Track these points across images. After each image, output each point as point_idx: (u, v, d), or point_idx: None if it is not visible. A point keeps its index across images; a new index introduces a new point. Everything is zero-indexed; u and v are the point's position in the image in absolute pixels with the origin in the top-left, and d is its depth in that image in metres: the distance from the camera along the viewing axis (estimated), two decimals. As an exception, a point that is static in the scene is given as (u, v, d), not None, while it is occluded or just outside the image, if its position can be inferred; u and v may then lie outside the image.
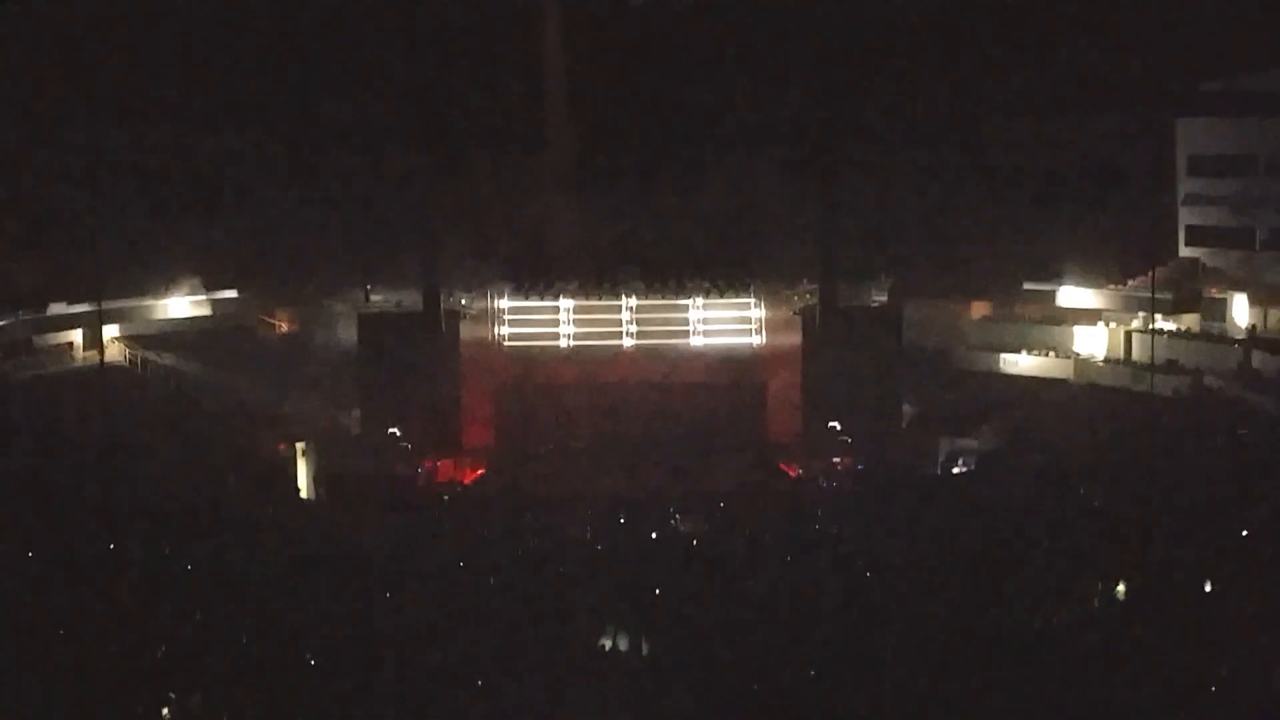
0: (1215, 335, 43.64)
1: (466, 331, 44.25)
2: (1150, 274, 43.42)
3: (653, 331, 45.29)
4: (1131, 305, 44.83)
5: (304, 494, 41.61)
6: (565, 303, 45.04)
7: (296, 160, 42.24)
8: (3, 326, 41.47)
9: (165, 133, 38.61)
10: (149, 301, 44.51)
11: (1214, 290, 44.27)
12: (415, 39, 33.67)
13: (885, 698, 23.67)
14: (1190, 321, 44.25)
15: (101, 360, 42.07)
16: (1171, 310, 44.03)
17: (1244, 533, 31.56)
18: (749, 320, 45.05)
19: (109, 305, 42.39)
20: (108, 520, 32.65)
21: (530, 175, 41.25)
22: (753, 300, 44.88)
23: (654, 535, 35.02)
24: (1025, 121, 40.94)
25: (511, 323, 45.24)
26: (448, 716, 23.12)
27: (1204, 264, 44.97)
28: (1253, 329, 42.89)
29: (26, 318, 42.23)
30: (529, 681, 24.07)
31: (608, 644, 26.42)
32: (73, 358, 43.43)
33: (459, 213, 42.09)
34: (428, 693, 23.65)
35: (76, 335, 43.48)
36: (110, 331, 43.45)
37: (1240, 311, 43.56)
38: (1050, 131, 41.14)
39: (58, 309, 42.85)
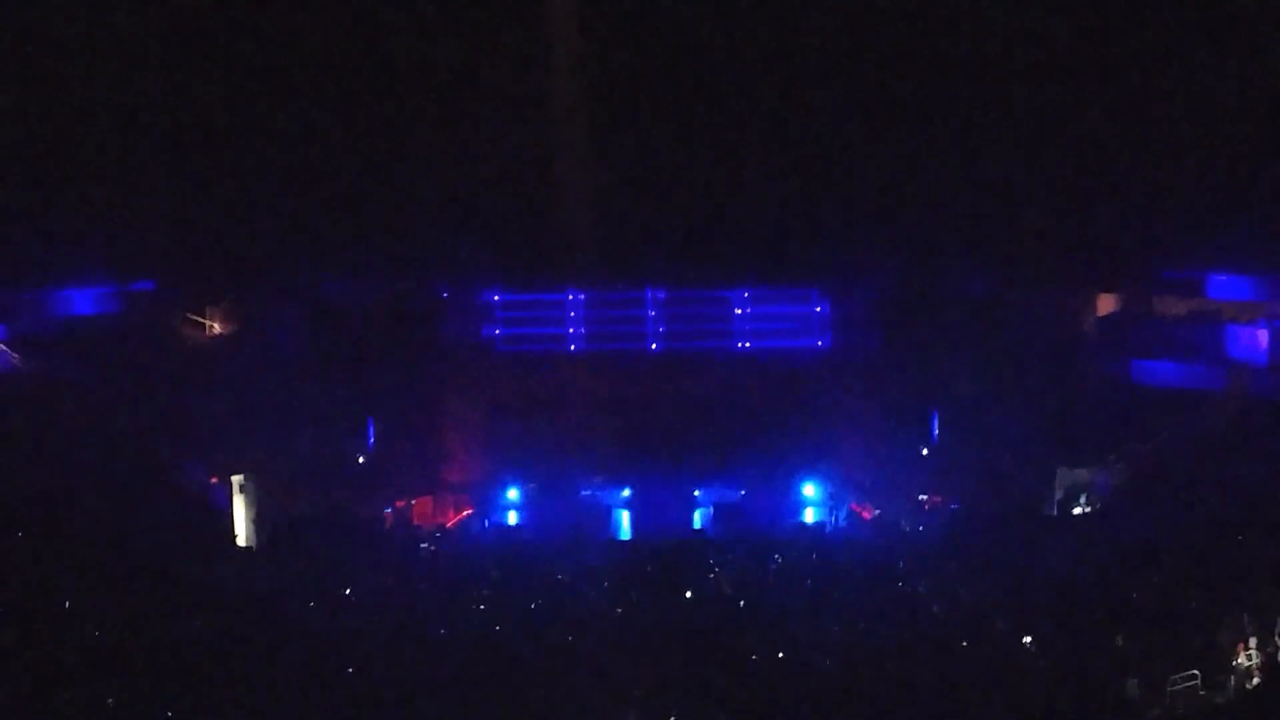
0: None
1: (449, 332, 45.06)
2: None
3: (685, 332, 45.82)
4: None
5: (241, 540, 41.87)
6: (575, 295, 45.53)
7: (233, 116, 41.95)
8: None
9: (56, 78, 38.39)
10: (39, 294, 44.36)
11: None
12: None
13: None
14: None
15: None
16: None
17: None
18: (809, 318, 45.51)
19: None
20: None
21: (530, 132, 40.83)
22: (815, 292, 45.29)
23: (688, 594, 35.62)
24: (1170, 59, 40.22)
25: (507, 321, 45.85)
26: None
27: None
28: None
29: None
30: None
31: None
32: None
33: (438, 181, 42.19)
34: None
35: None
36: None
37: None
38: (1200, 73, 40.31)
39: None
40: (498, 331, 45.67)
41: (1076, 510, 42.96)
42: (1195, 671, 27.93)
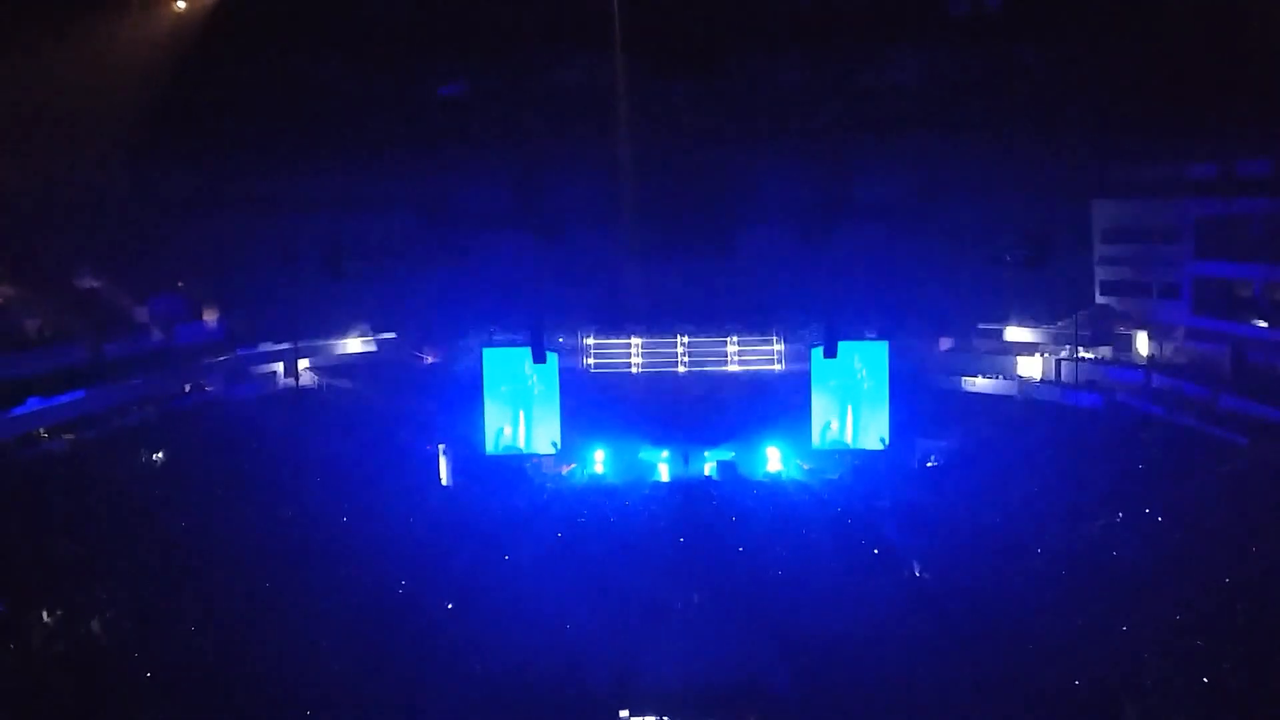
0: (1124, 362, 43.53)
1: (564, 361, 44.67)
2: (1074, 316, 43.90)
3: (700, 360, 45.64)
4: (1060, 340, 44.88)
5: (444, 481, 42.61)
6: (636, 340, 45.67)
7: (441, 240, 42.43)
8: (228, 359, 42.52)
9: (337, 221, 39.77)
10: (332, 342, 45.40)
11: (1122, 328, 44.11)
12: (525, 154, 34.86)
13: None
14: (1105, 352, 44.14)
15: (297, 383, 43.33)
16: (1090, 344, 44.11)
17: (1146, 510, 32.55)
18: (772, 353, 45.62)
19: (303, 345, 43.76)
20: (300, 499, 34.61)
21: (611, 250, 41.38)
22: (774, 338, 45.42)
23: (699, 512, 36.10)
24: (983, 204, 41.12)
25: (596, 354, 45.81)
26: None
27: (1115, 309, 44.82)
28: (1151, 358, 42.88)
29: (245, 353, 43.30)
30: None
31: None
32: (276, 382, 44.25)
33: (559, 277, 42.71)
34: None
35: (279, 366, 44.33)
36: (304, 364, 44.54)
37: (1142, 344, 43.50)
38: (1000, 212, 41.27)
39: (266, 347, 43.85)
40: (590, 360, 45.63)
41: (929, 464, 43.28)
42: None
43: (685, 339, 45.43)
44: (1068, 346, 44.32)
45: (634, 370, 45.76)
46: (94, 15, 29.84)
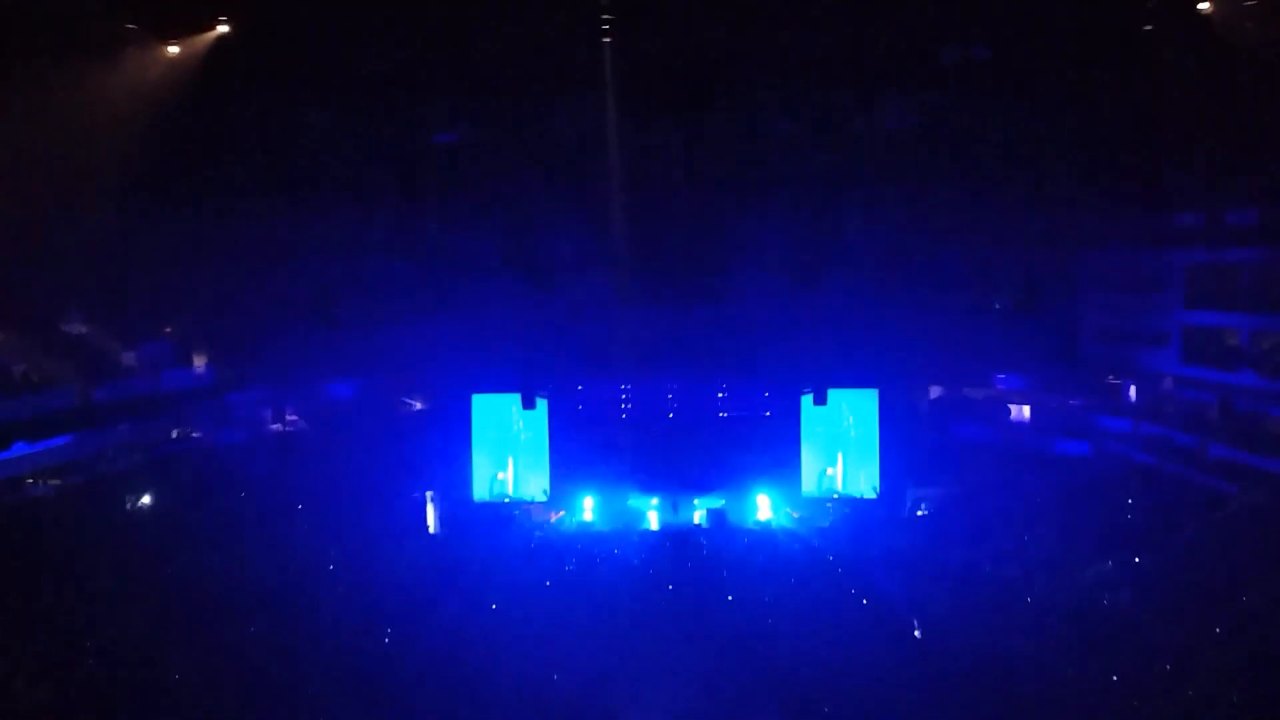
0: (1113, 411, 43.53)
1: (553, 407, 44.31)
2: (1063, 364, 43.91)
3: (688, 408, 45.64)
4: (1049, 388, 45.01)
5: (431, 529, 42.37)
6: (626, 386, 45.58)
7: (432, 286, 42.73)
8: (216, 405, 42.54)
9: (327, 266, 39.89)
10: (321, 387, 45.41)
11: (1111, 377, 44.22)
12: (517, 201, 35.27)
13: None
14: (1093, 400, 44.16)
15: (284, 429, 43.15)
16: (1079, 392, 44.21)
17: (1136, 558, 32.56)
18: (760, 399, 45.60)
19: (292, 390, 43.88)
20: (287, 546, 34.36)
21: (601, 297, 41.75)
22: (761, 387, 45.38)
23: (689, 564, 35.89)
24: (972, 253, 41.45)
25: (586, 401, 45.77)
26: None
27: (1103, 357, 44.92)
28: (1139, 406, 42.91)
29: (233, 398, 43.28)
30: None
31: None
32: (264, 428, 44.05)
33: (549, 323, 42.93)
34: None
35: (268, 411, 44.22)
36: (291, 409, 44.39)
37: (1131, 392, 43.55)
38: (989, 260, 41.58)
39: (254, 392, 43.80)
40: (580, 407, 45.49)
41: (919, 513, 43.00)
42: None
43: (675, 386, 45.34)
44: (1057, 394, 44.38)
45: (623, 417, 45.63)
46: (85, 59, 30.13)
